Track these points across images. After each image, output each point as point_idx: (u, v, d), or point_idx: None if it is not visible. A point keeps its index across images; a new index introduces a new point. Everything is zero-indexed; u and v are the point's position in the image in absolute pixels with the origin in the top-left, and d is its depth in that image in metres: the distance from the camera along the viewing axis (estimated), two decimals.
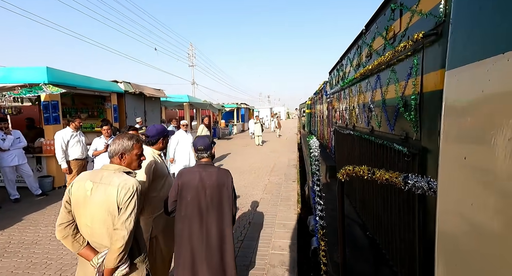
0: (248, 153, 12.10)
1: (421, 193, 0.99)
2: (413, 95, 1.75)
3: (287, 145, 15.12)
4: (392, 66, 2.14)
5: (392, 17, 2.21)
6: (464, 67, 0.75)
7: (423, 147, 1.68)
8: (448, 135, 0.80)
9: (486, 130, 0.64)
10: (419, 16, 1.72)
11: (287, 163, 9.47)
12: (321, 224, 1.95)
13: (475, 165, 0.68)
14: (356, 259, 2.32)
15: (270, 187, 6.51)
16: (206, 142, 2.13)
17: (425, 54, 1.63)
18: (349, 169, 1.39)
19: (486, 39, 0.67)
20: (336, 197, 3.70)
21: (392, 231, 2.13)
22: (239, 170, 8.39)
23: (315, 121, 10.47)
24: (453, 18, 0.86)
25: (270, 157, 10.83)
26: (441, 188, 0.83)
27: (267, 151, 12.74)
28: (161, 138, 2.36)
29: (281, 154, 11.78)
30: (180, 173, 2.06)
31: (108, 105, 8.42)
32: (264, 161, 9.92)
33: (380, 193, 2.41)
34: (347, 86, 3.92)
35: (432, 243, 1.60)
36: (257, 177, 7.48)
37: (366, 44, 2.96)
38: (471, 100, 0.71)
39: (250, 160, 10.15)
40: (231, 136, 20.98)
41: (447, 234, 0.81)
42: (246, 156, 11.29)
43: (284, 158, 10.49)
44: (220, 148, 13.49)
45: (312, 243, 3.06)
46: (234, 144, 15.99)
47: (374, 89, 2.61)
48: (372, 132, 2.71)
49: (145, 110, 10.18)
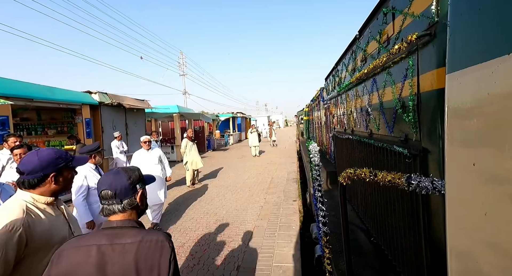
0: (244, 166, 11.09)
1: (425, 193, 0.96)
2: (410, 96, 1.75)
3: (286, 154, 14.16)
4: (388, 69, 2.15)
5: (385, 21, 2.23)
6: (466, 70, 0.73)
7: (423, 147, 1.66)
8: (454, 141, 0.78)
9: (495, 134, 0.62)
10: (411, 18, 1.74)
11: (286, 177, 8.54)
12: (325, 230, 1.90)
13: (485, 171, 0.65)
14: (362, 266, 2.26)
15: (267, 209, 5.56)
16: (119, 182, 1.14)
17: (420, 55, 1.63)
18: (350, 172, 1.37)
19: (489, 40, 0.66)
20: (338, 203, 3.66)
21: (397, 235, 2.08)
22: (232, 187, 7.51)
23: (313, 128, 10.48)
24: (451, 20, 0.85)
25: (267, 170, 9.85)
26: (450, 199, 0.80)
27: (264, 162, 11.78)
28: (50, 173, 1.36)
29: (279, 165, 10.82)
30: (57, 254, 1.06)
31: (78, 119, 7.27)
32: (260, 175, 8.96)
33: (382, 197, 2.38)
34: (344, 91, 3.93)
35: (439, 247, 1.56)
36: (252, 196, 6.53)
37: (360, 49, 2.98)
38: (476, 104, 0.69)
39: (245, 175, 9.18)
40: (227, 147, 19.97)
41: (461, 251, 0.77)
42: (241, 169, 10.24)
43: (283, 171, 9.55)
44: (213, 161, 12.80)
45: (316, 251, 2.99)
46: (229, 155, 14.91)
47: (371, 92, 2.62)
48: (371, 136, 2.69)
49: (127, 123, 9.28)
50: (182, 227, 4.84)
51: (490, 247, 0.64)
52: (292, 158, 12.68)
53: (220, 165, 11.31)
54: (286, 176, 8.62)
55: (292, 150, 16.05)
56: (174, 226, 4.90)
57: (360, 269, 2.18)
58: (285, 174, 8.94)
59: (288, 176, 8.61)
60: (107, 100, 8.16)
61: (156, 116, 13.42)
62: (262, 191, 6.95)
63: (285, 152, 15.47)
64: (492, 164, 0.63)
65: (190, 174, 7.64)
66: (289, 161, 11.79)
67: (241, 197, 6.47)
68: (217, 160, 13.02)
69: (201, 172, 9.06)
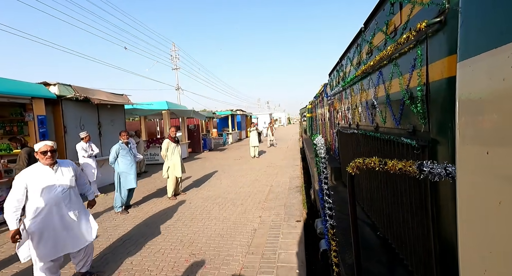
0: (240, 169, 9.68)
1: (438, 180, 0.94)
2: (419, 86, 1.72)
3: (288, 155, 12.83)
4: (395, 60, 2.12)
5: (392, 11, 2.19)
6: (480, 56, 0.71)
7: (432, 138, 1.63)
8: (466, 132, 0.75)
9: (511, 122, 0.60)
10: (420, 7, 1.71)
11: (288, 184, 7.16)
12: (331, 223, 1.89)
13: (500, 162, 0.63)
14: (369, 259, 2.24)
15: (261, 235, 4.11)
16: None
17: (430, 44, 1.60)
18: (359, 161, 1.35)
19: (504, 23, 0.64)
20: (343, 199, 3.64)
21: (405, 228, 2.06)
22: (222, 199, 6.07)
23: (317, 124, 10.44)
24: (462, 5, 0.83)
25: (266, 175, 8.51)
26: (461, 192, 0.78)
27: (263, 165, 10.37)
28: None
29: (280, 169, 9.43)
30: None
31: (29, 117, 5.87)
32: (257, 182, 7.62)
33: (389, 191, 2.35)
34: (349, 86, 3.90)
35: (448, 238, 1.54)
36: (244, 213, 5.11)
37: (366, 42, 2.95)
38: (491, 91, 0.67)
39: (240, 181, 7.82)
40: (225, 147, 18.54)
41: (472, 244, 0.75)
42: (236, 174, 8.88)
43: (285, 176, 8.25)
44: (207, 163, 11.53)
45: (320, 246, 2.97)
46: (225, 156, 13.40)
47: (377, 85, 2.59)
48: (377, 129, 2.66)
49: (100, 121, 7.82)
50: (138, 269, 3.30)
51: (504, 236, 0.62)
52: (295, 160, 11.38)
53: (214, 168, 10.16)
54: (288, 183, 7.28)
55: (295, 150, 14.84)
56: (126, 267, 3.36)
57: (367, 262, 2.16)
58: (287, 180, 7.64)
59: (290, 184, 7.26)
60: (70, 93, 6.65)
61: (142, 113, 11.96)
62: (257, 205, 5.57)
63: (287, 152, 14.23)
64: (508, 153, 0.61)
65: (172, 182, 6.27)
66: (291, 163, 10.45)
67: (230, 215, 5.10)
68: (211, 162, 11.76)
69: (184, 179, 8.04)
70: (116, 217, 5.31)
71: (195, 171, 9.61)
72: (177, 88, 27.68)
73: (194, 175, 8.99)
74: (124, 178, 5.43)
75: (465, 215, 0.78)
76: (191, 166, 10.69)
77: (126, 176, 5.44)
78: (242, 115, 25.77)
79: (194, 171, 9.64)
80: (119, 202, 5.46)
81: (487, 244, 0.68)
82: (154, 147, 11.88)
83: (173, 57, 27.98)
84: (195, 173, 9.25)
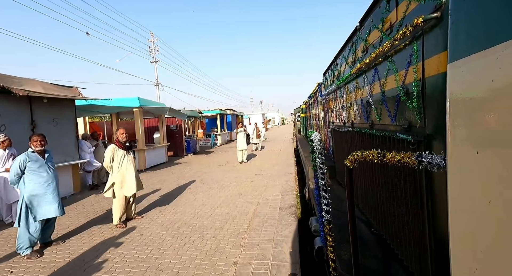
0: (222, 179, 8.04)
1: (436, 170, 0.94)
2: (414, 82, 1.73)
3: (281, 160, 11.25)
4: (390, 57, 2.13)
5: (388, 8, 2.21)
6: (469, 58, 0.72)
7: (428, 133, 1.65)
8: (456, 133, 0.76)
9: (500, 122, 0.60)
10: (416, 3, 1.72)
11: (279, 202, 5.53)
12: (328, 218, 1.89)
13: (490, 162, 0.64)
14: (364, 255, 2.25)
15: None
16: None
17: (426, 39, 1.62)
18: (357, 154, 1.35)
19: (492, 26, 0.65)
20: (338, 197, 3.65)
21: (400, 224, 2.07)
22: (187, 230, 4.29)
23: (311, 124, 10.49)
24: (452, 7, 0.84)
25: (252, 187, 6.84)
26: (452, 192, 0.78)
27: (251, 173, 8.77)
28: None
29: (271, 178, 7.84)
30: None
31: None
32: (241, 198, 5.97)
33: (383, 187, 2.37)
34: (343, 84, 3.92)
35: (444, 233, 1.55)
36: (212, 257, 3.39)
37: (361, 40, 2.97)
38: (480, 91, 0.68)
39: (219, 196, 6.16)
40: (213, 149, 17.04)
41: (463, 243, 0.75)
42: (216, 185, 7.23)
43: (275, 188, 6.65)
44: (186, 169, 9.97)
45: (315, 243, 2.98)
46: (209, 161, 11.82)
47: (372, 82, 2.60)
48: (372, 126, 2.68)
49: (34, 120, 6.05)
50: None
51: (494, 235, 0.63)
52: (289, 166, 9.79)
53: (192, 177, 8.42)
54: (280, 200, 5.66)
55: (289, 153, 13.35)
56: None
57: (363, 258, 2.17)
58: (278, 195, 6.04)
59: (282, 201, 5.60)
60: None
61: (107, 111, 10.27)
62: (235, 240, 3.86)
63: (280, 155, 12.69)
64: (497, 153, 0.61)
65: (119, 204, 4.53)
66: (284, 171, 8.86)
67: (192, 258, 3.38)
68: (191, 169, 10.06)
69: (150, 193, 6.61)
70: (17, 265, 3.40)
71: (167, 182, 7.91)
72: (156, 84, 24.39)
73: (164, 187, 7.30)
74: (36, 204, 3.61)
75: (456, 215, 0.79)
76: (165, 174, 9.20)
77: (39, 200, 3.62)
78: (232, 115, 23.74)
79: (166, 181, 8.05)
80: (26, 241, 3.55)
81: (478, 243, 0.69)
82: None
83: (152, 48, 24.74)
84: (167, 185, 7.52)
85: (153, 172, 9.78)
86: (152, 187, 7.38)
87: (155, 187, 7.34)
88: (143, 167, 10.22)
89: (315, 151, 1.99)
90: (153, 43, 24.93)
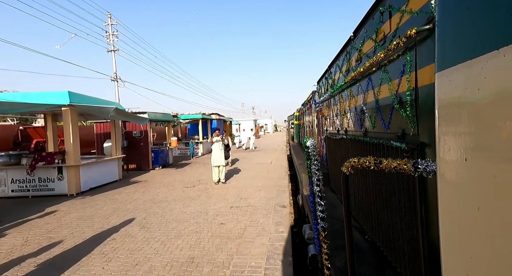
0: (175, 217, 5.15)
1: (431, 177, 0.96)
2: (408, 91, 1.78)
3: (271, 179, 8.50)
4: (384, 67, 2.19)
5: (381, 19, 2.28)
6: (456, 67, 0.75)
7: (421, 141, 1.68)
8: (446, 141, 0.79)
9: (486, 129, 0.63)
10: (409, 15, 1.78)
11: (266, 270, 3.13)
12: (323, 225, 1.89)
13: (478, 168, 0.66)
14: (358, 263, 2.25)
15: None
16: None
17: (418, 50, 1.67)
18: (354, 160, 1.36)
19: (477, 37, 0.68)
20: (331, 204, 3.66)
21: (393, 231, 2.09)
22: None
23: (305, 132, 10.56)
24: (439, 18, 0.87)
25: (220, 238, 4.10)
26: (442, 199, 0.80)
27: (225, 202, 6.08)
28: None
29: (252, 214, 5.21)
30: None
31: None
32: (203, 260, 3.42)
33: (377, 194, 2.39)
34: (338, 92, 3.98)
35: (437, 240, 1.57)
36: None
37: (355, 49, 3.04)
38: (467, 100, 0.71)
39: (164, 258, 3.52)
40: (191, 160, 14.00)
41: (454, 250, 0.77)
42: (157, 235, 4.31)
43: (259, 240, 3.98)
44: (135, 196, 6.87)
45: (309, 251, 2.96)
46: (176, 180, 8.88)
47: (366, 91, 2.66)
48: (366, 134, 2.72)
49: None
50: None
51: (483, 241, 0.64)
52: (281, 188, 7.21)
53: (131, 213, 5.47)
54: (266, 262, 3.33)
55: (281, 167, 10.61)
56: None
57: (357, 265, 2.17)
58: (262, 263, 3.33)
59: (274, 262, 3.33)
60: None
61: (20, 109, 7.10)
62: None
63: (270, 172, 9.79)
64: (484, 160, 0.63)
65: None
66: (275, 198, 6.36)
67: None
68: (144, 193, 7.12)
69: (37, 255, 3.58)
70: None
71: (82, 227, 4.77)
72: (114, 78, 18.88)
73: (67, 239, 4.24)
74: None
75: (446, 222, 0.81)
76: (98, 205, 6.17)
77: None
78: (218, 120, 19.77)
79: (80, 226, 4.82)
80: None
81: (468, 249, 0.70)
82: (45, 167, 7.14)
83: (109, 34, 19.48)
84: (77, 234, 4.46)
85: (83, 200, 6.67)
86: (40, 243, 4.05)
87: (42, 245, 4.03)
88: (76, 191, 7.14)
89: (310, 157, 2.00)
90: (111, 27, 19.43)
